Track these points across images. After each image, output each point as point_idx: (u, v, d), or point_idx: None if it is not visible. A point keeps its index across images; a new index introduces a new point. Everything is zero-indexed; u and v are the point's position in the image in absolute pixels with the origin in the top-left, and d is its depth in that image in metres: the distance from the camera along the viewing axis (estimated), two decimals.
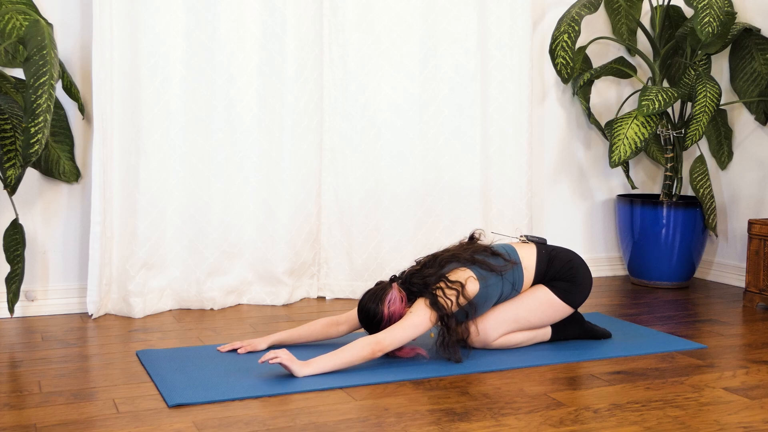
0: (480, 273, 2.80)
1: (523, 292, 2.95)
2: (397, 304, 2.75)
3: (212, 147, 3.58)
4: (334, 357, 2.62)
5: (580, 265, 3.00)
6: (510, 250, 2.94)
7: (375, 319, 2.75)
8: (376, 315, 2.74)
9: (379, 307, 2.74)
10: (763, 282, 3.73)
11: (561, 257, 2.99)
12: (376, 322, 2.75)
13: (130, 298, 3.44)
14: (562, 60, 4.09)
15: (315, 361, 2.61)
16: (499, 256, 2.89)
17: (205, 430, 2.15)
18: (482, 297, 2.80)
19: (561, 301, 2.94)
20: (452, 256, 2.85)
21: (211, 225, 3.60)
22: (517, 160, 4.13)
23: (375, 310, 2.75)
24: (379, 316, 2.74)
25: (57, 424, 2.19)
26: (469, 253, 2.86)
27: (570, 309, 2.98)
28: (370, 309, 2.76)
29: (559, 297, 2.94)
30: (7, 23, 3.26)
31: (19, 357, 2.82)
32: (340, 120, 3.84)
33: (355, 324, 2.94)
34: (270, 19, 3.62)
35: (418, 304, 2.72)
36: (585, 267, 3.02)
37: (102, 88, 3.33)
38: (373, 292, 2.79)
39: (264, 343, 2.90)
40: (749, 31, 4.18)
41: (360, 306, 2.80)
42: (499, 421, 2.23)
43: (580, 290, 2.98)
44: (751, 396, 2.48)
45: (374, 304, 2.75)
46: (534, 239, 3.05)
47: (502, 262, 2.87)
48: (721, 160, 4.39)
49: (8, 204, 3.39)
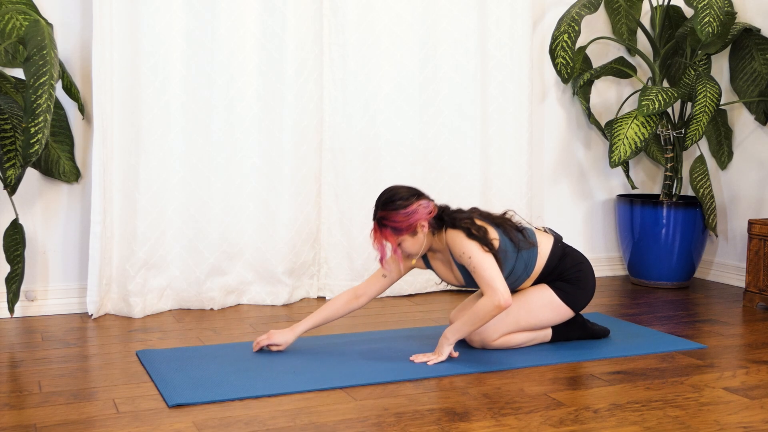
0: (502, 237, 2.83)
1: (526, 291, 2.95)
2: (422, 213, 2.73)
3: (212, 147, 3.58)
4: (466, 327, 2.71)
5: (588, 271, 3.01)
6: (530, 234, 2.95)
7: (393, 201, 2.71)
8: (399, 200, 2.70)
9: (410, 199, 2.72)
10: (763, 282, 3.73)
11: (573, 257, 2.99)
12: (390, 204, 2.70)
13: (130, 298, 3.44)
14: (562, 60, 4.09)
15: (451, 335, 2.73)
16: (521, 234, 2.90)
17: (205, 430, 2.15)
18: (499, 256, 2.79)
19: (563, 303, 2.94)
20: (483, 215, 2.87)
21: (211, 225, 3.60)
22: (517, 160, 4.13)
23: (404, 196, 2.72)
24: (400, 202, 2.70)
25: (57, 424, 2.19)
26: (499, 219, 2.88)
27: (571, 312, 2.98)
28: (401, 193, 2.73)
29: (562, 299, 2.94)
30: (7, 23, 3.26)
31: (19, 357, 2.82)
32: (340, 120, 3.84)
33: (374, 292, 2.94)
34: (270, 19, 3.62)
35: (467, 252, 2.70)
36: (592, 273, 3.03)
37: (102, 88, 3.33)
38: (416, 189, 2.78)
39: (292, 335, 2.89)
40: (749, 31, 4.18)
41: (393, 186, 2.77)
42: (499, 421, 2.23)
43: (583, 294, 2.98)
44: (751, 396, 2.48)
45: (409, 194, 2.73)
46: (552, 232, 3.07)
47: (522, 239, 2.88)
48: (721, 160, 4.39)
49: (8, 204, 3.39)
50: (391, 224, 2.72)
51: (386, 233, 2.73)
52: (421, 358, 2.76)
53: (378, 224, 2.74)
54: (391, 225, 2.72)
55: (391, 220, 2.71)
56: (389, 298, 3.91)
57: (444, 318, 3.49)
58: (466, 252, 2.72)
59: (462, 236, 2.74)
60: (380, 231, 2.74)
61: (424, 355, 2.77)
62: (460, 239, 2.74)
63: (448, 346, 2.76)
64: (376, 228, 2.74)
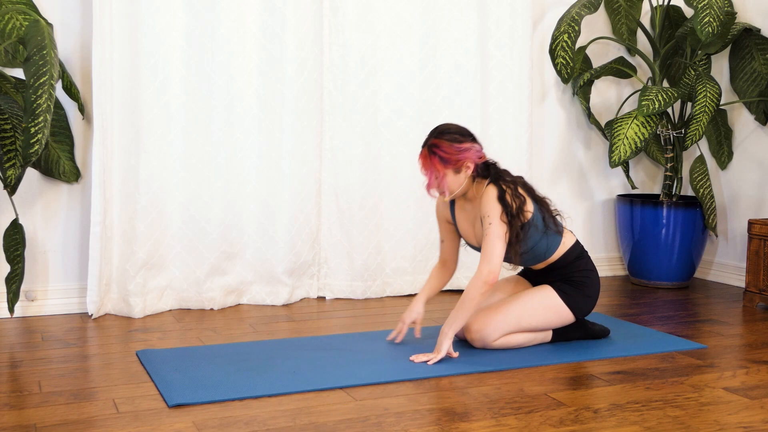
0: (536, 213, 2.86)
1: (529, 291, 2.95)
2: (472, 154, 2.77)
3: (212, 147, 3.58)
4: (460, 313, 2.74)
5: (595, 279, 3.03)
6: (560, 223, 3.00)
7: (449, 133, 2.76)
8: (455, 134, 2.76)
9: (465, 137, 2.77)
10: (763, 282, 3.73)
11: (586, 261, 3.02)
12: (445, 134, 2.75)
13: (130, 298, 3.43)
14: (562, 60, 4.09)
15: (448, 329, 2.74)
16: (552, 219, 2.93)
17: (205, 430, 2.15)
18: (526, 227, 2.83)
19: (565, 307, 2.94)
20: (526, 187, 2.90)
21: (211, 225, 3.60)
22: (517, 160, 4.13)
23: (461, 132, 2.78)
24: (456, 136, 2.76)
25: (57, 424, 2.19)
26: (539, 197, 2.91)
27: (572, 317, 2.98)
28: (458, 128, 2.79)
29: (565, 302, 2.94)
30: (7, 23, 3.26)
31: (19, 357, 2.82)
32: (340, 120, 3.84)
33: (450, 254, 3.04)
34: (270, 19, 3.62)
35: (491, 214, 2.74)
36: (598, 283, 3.04)
37: (102, 88, 3.33)
38: (472, 133, 2.83)
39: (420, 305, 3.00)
40: (749, 31, 4.18)
41: (451, 122, 2.83)
42: (499, 421, 2.23)
43: (585, 300, 2.98)
44: (751, 396, 2.48)
45: (465, 133, 2.79)
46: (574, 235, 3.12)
47: (552, 223, 2.92)
48: (721, 160, 4.39)
49: (8, 204, 3.39)
50: (441, 153, 2.75)
51: (434, 161, 2.76)
52: (421, 358, 2.76)
53: (428, 150, 2.77)
54: (440, 154, 2.75)
55: (442, 149, 2.75)
56: (389, 298, 3.91)
57: (444, 318, 3.49)
58: (490, 214, 2.75)
59: (494, 196, 2.77)
60: (429, 158, 2.77)
61: (424, 355, 2.77)
62: (491, 198, 2.77)
63: (447, 340, 2.76)
64: (426, 154, 2.78)
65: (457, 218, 2.98)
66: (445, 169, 2.77)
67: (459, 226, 2.98)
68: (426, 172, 2.79)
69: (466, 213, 2.94)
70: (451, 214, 2.99)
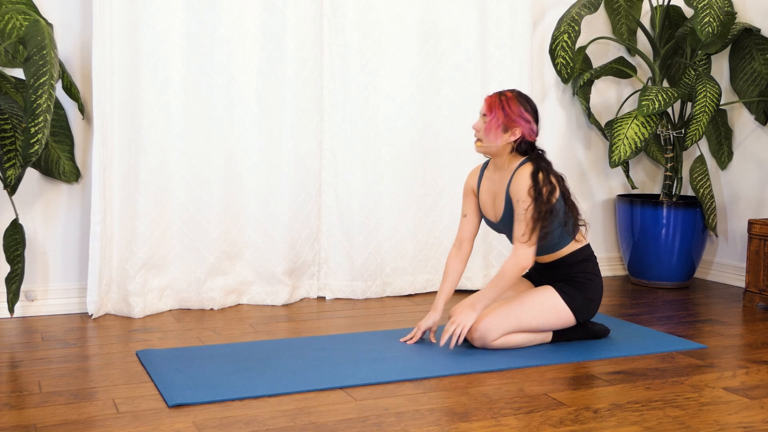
0: (560, 204, 2.92)
1: (531, 292, 2.95)
2: (527, 126, 2.90)
3: (212, 147, 3.58)
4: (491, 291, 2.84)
5: (598, 284, 3.03)
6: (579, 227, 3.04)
7: (524, 97, 2.93)
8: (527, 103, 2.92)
9: (530, 114, 2.91)
10: (763, 282, 3.73)
11: (593, 265, 3.04)
12: (520, 97, 2.92)
13: (130, 298, 3.43)
14: (562, 60, 4.09)
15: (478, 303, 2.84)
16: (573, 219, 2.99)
17: (205, 430, 2.15)
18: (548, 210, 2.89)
19: (567, 308, 2.94)
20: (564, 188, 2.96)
21: (211, 225, 3.60)
22: None
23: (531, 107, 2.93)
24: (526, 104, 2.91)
25: (57, 424, 2.19)
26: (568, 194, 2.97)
27: (573, 320, 2.97)
28: (531, 104, 2.94)
29: (567, 303, 2.94)
30: (7, 23, 3.26)
31: (19, 357, 2.82)
32: (340, 120, 3.84)
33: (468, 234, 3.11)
34: (270, 19, 3.62)
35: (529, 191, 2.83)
36: (601, 288, 3.04)
37: (102, 88, 3.33)
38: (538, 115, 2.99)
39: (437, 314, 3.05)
40: (749, 31, 4.18)
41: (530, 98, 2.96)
42: (499, 421, 2.23)
43: (586, 304, 2.98)
44: (751, 396, 2.48)
45: (533, 111, 2.94)
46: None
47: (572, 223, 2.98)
48: (721, 160, 4.39)
49: (8, 204, 3.39)
50: (506, 105, 2.90)
51: (496, 107, 2.90)
52: (445, 337, 2.83)
53: (498, 96, 2.92)
54: (504, 105, 2.90)
55: (509, 104, 2.90)
56: (389, 298, 3.91)
57: (443, 318, 3.49)
58: (524, 198, 2.83)
59: (528, 171, 2.87)
60: (495, 101, 2.91)
61: (446, 333, 2.83)
62: (525, 173, 2.87)
63: (474, 314, 2.84)
64: (495, 97, 2.92)
65: (481, 188, 3.06)
66: (498, 119, 2.90)
67: (480, 197, 3.06)
68: (485, 110, 2.92)
69: (491, 183, 3.02)
70: (478, 184, 3.07)
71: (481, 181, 3.07)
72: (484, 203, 3.05)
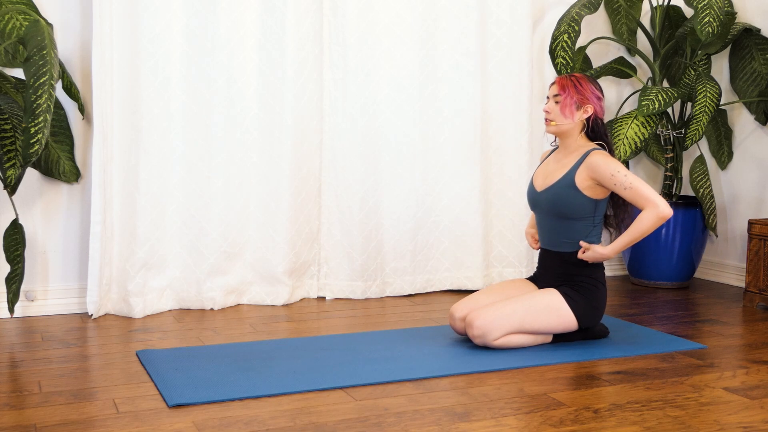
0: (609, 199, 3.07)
1: (536, 294, 2.95)
2: (597, 105, 3.02)
3: (212, 147, 3.58)
4: (626, 237, 2.92)
5: (603, 292, 3.03)
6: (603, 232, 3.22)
7: (589, 78, 3.05)
8: (596, 84, 3.04)
9: (599, 92, 3.03)
10: (763, 282, 3.73)
11: (600, 273, 3.04)
12: (593, 80, 3.05)
13: (130, 298, 3.44)
14: (562, 60, 4.09)
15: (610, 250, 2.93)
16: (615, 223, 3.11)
17: (205, 430, 2.15)
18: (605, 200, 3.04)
19: (570, 312, 2.93)
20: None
21: (211, 225, 3.60)
22: (517, 160, 4.13)
23: (599, 87, 3.04)
24: (596, 84, 3.03)
25: (57, 424, 2.19)
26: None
27: (575, 324, 2.96)
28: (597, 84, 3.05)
29: (570, 306, 2.93)
30: (7, 23, 3.27)
31: (19, 357, 2.82)
32: (340, 120, 3.84)
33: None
34: (270, 19, 3.62)
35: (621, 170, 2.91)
36: (605, 297, 3.04)
37: (102, 88, 3.33)
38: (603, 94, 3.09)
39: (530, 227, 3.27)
40: (749, 31, 4.18)
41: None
42: (499, 421, 2.23)
43: (589, 309, 2.97)
44: (751, 396, 2.48)
45: (600, 89, 3.05)
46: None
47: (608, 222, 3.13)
48: (721, 160, 4.39)
49: (8, 204, 3.39)
50: (577, 85, 3.00)
51: (570, 86, 3.01)
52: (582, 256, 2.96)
53: (569, 77, 3.03)
54: (576, 84, 3.00)
55: (580, 83, 3.01)
56: (389, 298, 3.91)
57: (444, 318, 3.49)
58: (621, 170, 2.91)
59: (607, 154, 2.97)
60: (567, 80, 3.02)
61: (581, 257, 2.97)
62: (609, 158, 2.94)
63: (603, 253, 2.94)
64: (565, 78, 3.03)
65: (542, 164, 3.15)
66: (572, 97, 2.99)
67: (537, 169, 3.16)
68: (558, 90, 3.01)
69: (555, 161, 3.09)
70: (540, 162, 3.18)
71: (545, 160, 3.16)
72: (537, 174, 3.13)
